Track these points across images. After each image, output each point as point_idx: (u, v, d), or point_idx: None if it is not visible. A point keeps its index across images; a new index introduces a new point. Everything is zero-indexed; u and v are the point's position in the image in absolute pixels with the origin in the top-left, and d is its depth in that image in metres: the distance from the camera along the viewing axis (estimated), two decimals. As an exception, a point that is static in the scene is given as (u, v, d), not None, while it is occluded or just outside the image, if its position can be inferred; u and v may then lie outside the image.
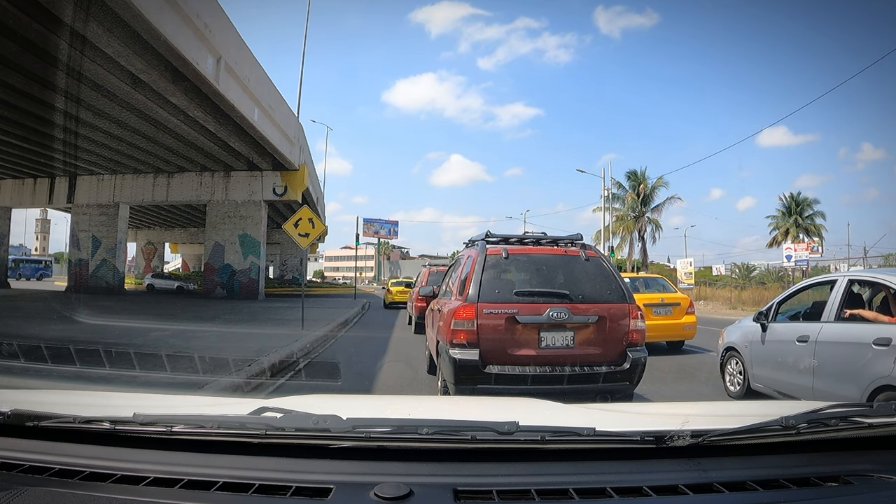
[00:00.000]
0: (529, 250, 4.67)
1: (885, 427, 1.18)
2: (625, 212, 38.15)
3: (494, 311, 4.13)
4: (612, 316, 4.24)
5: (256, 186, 23.24)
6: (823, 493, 1.08)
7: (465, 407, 2.19)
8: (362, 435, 1.12)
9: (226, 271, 23.19)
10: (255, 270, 23.18)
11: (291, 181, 23.29)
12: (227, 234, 23.27)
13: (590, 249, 4.63)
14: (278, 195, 23.15)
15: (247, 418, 1.23)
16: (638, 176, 38.37)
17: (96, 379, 4.10)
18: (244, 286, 22.88)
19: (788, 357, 4.73)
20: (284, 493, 1.03)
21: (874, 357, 3.81)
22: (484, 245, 4.55)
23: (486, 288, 4.21)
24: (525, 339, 4.13)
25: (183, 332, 9.25)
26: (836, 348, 4.23)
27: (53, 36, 10.81)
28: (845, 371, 4.10)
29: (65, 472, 1.09)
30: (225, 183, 23.40)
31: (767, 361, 5.11)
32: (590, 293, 4.33)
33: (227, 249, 23.25)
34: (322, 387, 4.73)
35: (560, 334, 4.16)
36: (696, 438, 1.14)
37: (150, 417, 1.17)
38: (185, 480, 1.05)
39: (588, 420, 1.47)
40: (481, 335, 4.09)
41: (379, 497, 0.99)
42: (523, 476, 1.09)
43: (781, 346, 4.87)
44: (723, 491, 1.06)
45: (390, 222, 67.35)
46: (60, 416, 1.20)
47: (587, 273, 4.44)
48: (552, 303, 4.18)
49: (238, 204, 23.29)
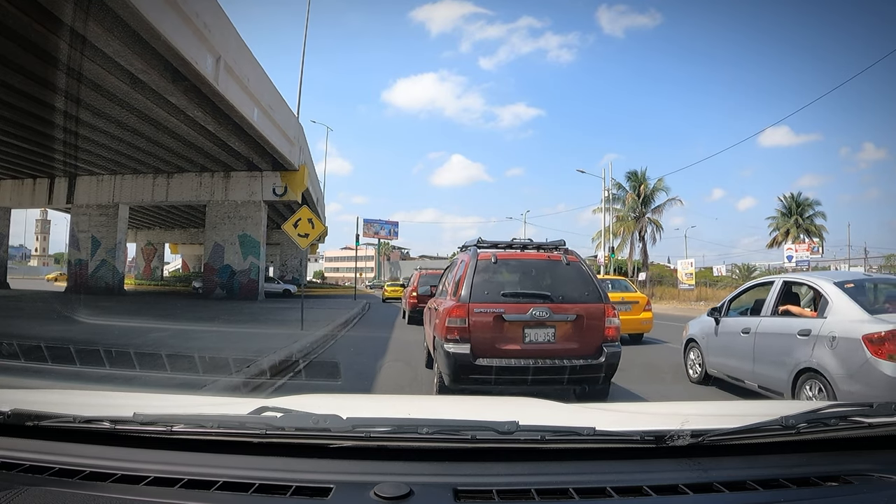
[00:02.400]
0: (516, 255, 5.16)
1: (885, 427, 1.18)
2: (625, 212, 38.08)
3: (484, 310, 4.62)
4: (589, 315, 4.73)
5: (256, 187, 23.08)
6: (823, 492, 1.08)
7: (466, 407, 2.19)
8: (362, 434, 1.12)
9: (225, 272, 22.99)
10: (254, 271, 23.01)
11: (291, 181, 23.15)
12: (226, 234, 23.13)
13: (570, 254, 5.09)
14: (278, 196, 23.00)
15: (247, 418, 1.24)
16: (638, 177, 38.29)
17: (96, 378, 4.10)
18: (244, 287, 22.68)
19: (735, 346, 5.50)
20: (284, 492, 1.03)
21: (798, 345, 4.56)
22: (476, 250, 5.05)
23: (476, 289, 4.70)
24: (511, 335, 4.62)
25: (182, 331, 9.26)
26: (770, 338, 5.00)
27: (53, 36, 10.82)
28: (777, 357, 4.81)
29: (65, 472, 1.09)
30: (225, 183, 23.26)
31: (719, 350, 5.89)
32: (569, 294, 4.82)
33: (226, 250, 23.08)
34: (322, 386, 4.74)
35: (542, 331, 4.66)
36: (696, 438, 1.14)
37: (150, 417, 1.17)
38: (185, 480, 1.05)
39: (588, 420, 1.47)
40: (472, 331, 4.58)
41: (379, 497, 0.99)
42: (523, 476, 1.09)
43: (730, 337, 5.64)
44: (723, 491, 1.06)
45: (390, 223, 67.22)
46: (61, 415, 1.21)
47: (567, 276, 4.94)
48: (535, 303, 4.68)
49: (238, 204, 23.14)
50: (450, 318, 4.66)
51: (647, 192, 37.73)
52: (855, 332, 4.13)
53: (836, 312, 4.45)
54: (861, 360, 4.04)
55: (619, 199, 37.58)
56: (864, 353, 4.02)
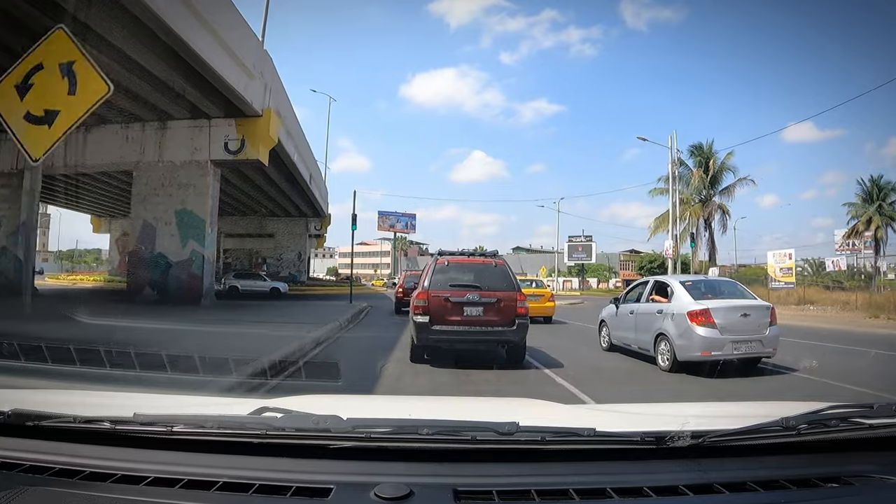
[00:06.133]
0: (463, 260, 7.68)
1: (885, 428, 1.19)
2: (688, 195, 30.83)
3: (438, 295, 7.07)
4: (505, 298, 7.10)
5: (202, 141, 16.49)
6: (824, 493, 1.08)
7: (466, 407, 2.19)
8: (362, 435, 1.12)
9: (159, 263, 16.34)
10: (196, 263, 16.24)
11: (251, 132, 16.49)
12: (159, 210, 16.48)
13: (498, 259, 7.68)
14: (232, 153, 16.35)
15: (247, 418, 1.24)
16: (704, 151, 31.04)
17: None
18: (183, 285, 16.06)
19: (626, 323, 8.36)
20: (284, 493, 1.03)
21: (657, 319, 7.44)
22: (436, 257, 7.78)
23: (434, 282, 7.22)
24: (455, 311, 7.03)
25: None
26: (643, 316, 7.84)
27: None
28: (647, 327, 7.63)
29: (65, 472, 1.09)
30: (159, 137, 16.72)
31: (618, 326, 8.68)
32: (493, 285, 7.20)
33: (159, 232, 16.40)
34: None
35: (475, 308, 7.06)
36: (696, 439, 1.14)
37: (150, 417, 1.18)
38: (186, 480, 1.06)
39: (588, 420, 1.47)
40: (430, 308, 7.00)
41: (379, 497, 0.99)
42: (523, 476, 1.09)
43: (623, 317, 8.47)
44: (723, 492, 1.06)
45: (407, 215, 63.13)
46: (61, 415, 1.21)
47: (494, 274, 7.36)
48: (470, 290, 7.14)
49: (176, 167, 16.52)
50: (416, 300, 7.21)
51: (715, 170, 30.83)
52: (684, 310, 7.01)
53: (677, 299, 7.36)
54: (686, 325, 6.87)
55: (682, 179, 30.03)
56: (687, 322, 6.86)
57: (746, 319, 6.89)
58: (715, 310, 6.82)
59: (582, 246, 54.39)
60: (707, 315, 6.77)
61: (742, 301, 7.36)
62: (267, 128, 16.73)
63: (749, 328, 6.87)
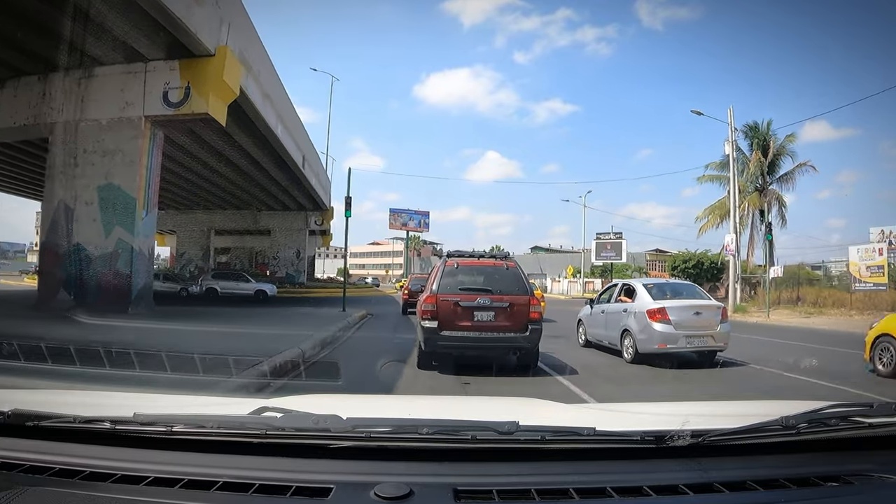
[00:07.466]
0: (472, 262, 7.34)
1: (885, 427, 1.19)
2: (743, 182, 26.00)
3: (447, 299, 6.70)
4: (518, 303, 6.76)
5: (135, 92, 12.34)
6: (824, 493, 1.08)
7: (466, 407, 2.19)
8: (362, 435, 1.12)
9: (75, 258, 12.23)
10: (123, 257, 12.21)
11: (199, 78, 12.15)
12: (79, 186, 12.36)
13: (510, 261, 7.29)
14: (173, 104, 12.24)
15: (247, 418, 1.24)
16: (761, 132, 26.15)
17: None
18: (106, 287, 12.02)
19: (598, 321, 9.36)
20: (284, 492, 1.03)
21: (622, 317, 8.37)
22: (444, 259, 7.36)
23: (443, 285, 6.82)
24: (465, 315, 6.65)
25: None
26: (612, 315, 8.78)
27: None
28: (614, 324, 8.57)
29: (65, 472, 1.09)
30: (83, 89, 12.47)
31: (592, 324, 9.61)
32: (505, 289, 6.84)
33: (77, 215, 12.32)
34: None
35: (486, 312, 6.71)
36: (696, 438, 1.14)
37: (150, 417, 1.18)
38: (186, 480, 1.05)
39: (588, 420, 1.47)
40: (439, 313, 6.64)
41: (379, 497, 0.99)
42: (523, 476, 1.09)
43: (596, 316, 9.45)
44: (723, 491, 1.06)
45: (420, 213, 59.81)
46: (61, 415, 1.21)
47: (505, 277, 6.99)
48: (481, 294, 6.79)
49: (101, 127, 12.34)
50: (424, 304, 6.82)
51: (774, 154, 26.30)
52: (644, 308, 7.93)
53: (639, 299, 8.27)
54: (645, 322, 7.80)
55: (724, 165, 26.01)
56: (646, 319, 7.78)
57: (699, 317, 7.89)
58: (670, 308, 7.81)
59: (611, 244, 46.50)
60: (663, 313, 7.74)
61: (695, 301, 8.35)
62: (221, 72, 12.19)
63: (701, 325, 7.85)
